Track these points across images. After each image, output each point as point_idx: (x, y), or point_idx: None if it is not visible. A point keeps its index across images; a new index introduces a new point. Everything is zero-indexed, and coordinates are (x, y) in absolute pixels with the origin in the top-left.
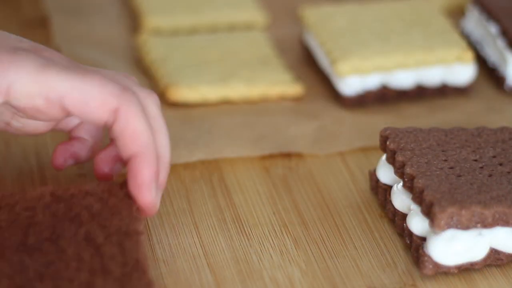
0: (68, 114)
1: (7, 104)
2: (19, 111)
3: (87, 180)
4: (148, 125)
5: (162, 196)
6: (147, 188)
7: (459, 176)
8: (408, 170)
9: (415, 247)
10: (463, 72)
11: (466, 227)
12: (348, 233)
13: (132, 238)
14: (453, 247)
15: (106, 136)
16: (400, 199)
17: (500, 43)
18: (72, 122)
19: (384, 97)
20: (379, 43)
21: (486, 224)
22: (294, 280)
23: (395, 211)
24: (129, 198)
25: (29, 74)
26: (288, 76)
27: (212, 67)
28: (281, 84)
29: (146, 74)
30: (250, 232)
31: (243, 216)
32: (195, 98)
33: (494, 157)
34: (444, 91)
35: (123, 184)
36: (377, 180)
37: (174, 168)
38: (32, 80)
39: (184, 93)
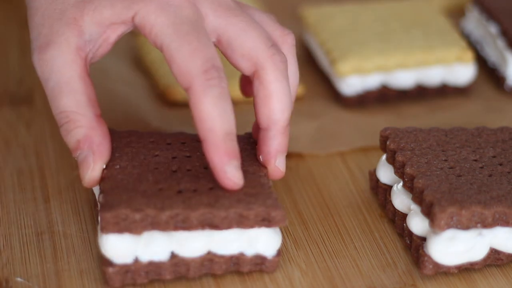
0: None
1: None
2: None
3: None
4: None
5: None
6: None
7: (459, 176)
8: (408, 170)
9: (415, 247)
10: (463, 72)
11: (466, 227)
12: (348, 233)
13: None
14: (453, 247)
15: None
16: (400, 199)
17: (500, 43)
18: None
19: (384, 97)
20: (379, 43)
21: (486, 224)
22: (294, 280)
23: (395, 211)
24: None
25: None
26: None
27: None
28: None
29: (146, 74)
30: None
31: None
32: None
33: (494, 157)
34: (444, 91)
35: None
36: (377, 180)
37: None
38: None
39: (183, 93)
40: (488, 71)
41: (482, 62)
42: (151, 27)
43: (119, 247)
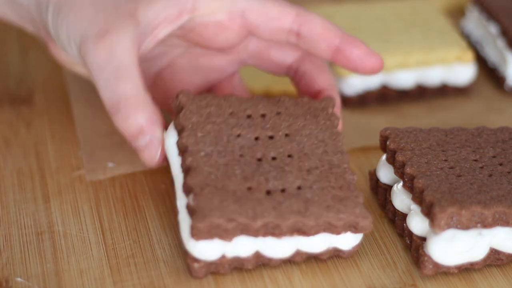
0: (248, 31)
1: (188, 26)
2: (200, 33)
3: (86, 180)
4: None
5: (162, 196)
6: (371, 53)
7: (459, 176)
8: (408, 170)
9: (415, 247)
10: (463, 72)
11: (466, 227)
12: None
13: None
14: (453, 247)
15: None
16: (400, 199)
17: (500, 43)
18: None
19: (385, 97)
20: (379, 43)
21: (486, 224)
22: (294, 280)
23: (395, 211)
24: None
25: None
26: None
27: None
28: (283, 82)
29: None
30: None
31: None
32: None
33: (494, 157)
34: (444, 91)
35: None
36: (377, 180)
37: None
38: None
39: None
40: (488, 71)
41: (482, 62)
42: (222, 4)
43: (208, 249)
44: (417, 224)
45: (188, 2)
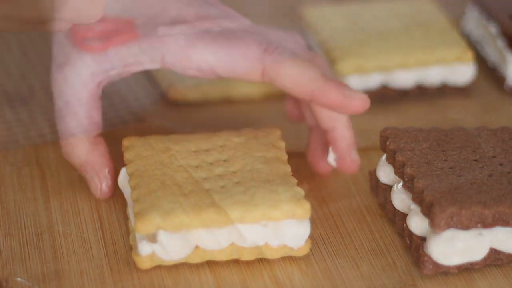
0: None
1: None
2: None
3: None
4: (304, 64)
5: None
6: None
7: (459, 176)
8: (408, 170)
9: (415, 247)
10: (463, 72)
11: (466, 227)
12: (348, 233)
13: None
14: (453, 247)
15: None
16: (400, 199)
17: (500, 43)
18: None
19: (385, 97)
20: (379, 43)
21: (486, 224)
22: (294, 280)
23: (395, 211)
24: None
25: (179, 49)
26: None
27: None
28: None
29: (148, 74)
30: None
31: None
32: (197, 97)
33: (494, 157)
34: (444, 91)
35: None
36: (377, 180)
37: None
38: (182, 54)
39: (186, 92)
40: (488, 71)
41: (482, 62)
42: (190, 61)
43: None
44: (417, 224)
45: (156, 56)
